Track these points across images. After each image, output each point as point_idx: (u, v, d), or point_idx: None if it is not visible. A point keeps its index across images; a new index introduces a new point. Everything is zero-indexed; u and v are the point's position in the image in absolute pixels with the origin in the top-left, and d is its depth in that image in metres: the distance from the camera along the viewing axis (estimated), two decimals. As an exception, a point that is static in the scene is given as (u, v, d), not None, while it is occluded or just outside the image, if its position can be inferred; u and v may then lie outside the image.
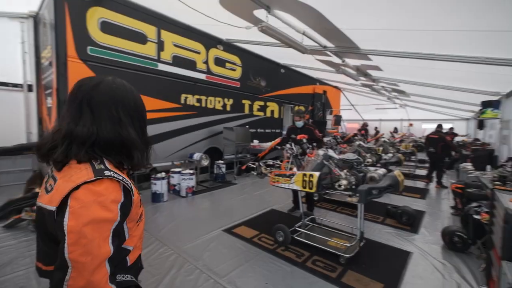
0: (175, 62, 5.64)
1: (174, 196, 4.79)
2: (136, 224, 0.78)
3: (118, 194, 0.67)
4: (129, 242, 0.76)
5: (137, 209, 0.76)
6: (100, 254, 0.61)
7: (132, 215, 0.74)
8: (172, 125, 5.65)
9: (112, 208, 0.64)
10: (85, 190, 0.63)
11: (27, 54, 5.63)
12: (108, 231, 0.63)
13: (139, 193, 0.79)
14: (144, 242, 2.91)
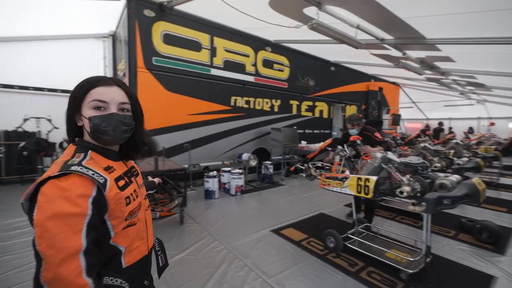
0: (226, 66, 5.92)
1: (224, 194, 5.02)
2: (124, 222, 0.75)
3: (87, 188, 0.67)
4: (120, 241, 0.75)
5: (121, 206, 0.74)
6: (67, 247, 0.61)
7: (115, 212, 0.73)
8: (223, 127, 5.94)
9: (79, 202, 0.64)
10: (51, 185, 0.64)
11: (107, 68, 6.65)
12: (80, 225, 0.63)
13: (135, 193, 0.81)
14: (197, 235, 3.15)
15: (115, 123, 0.76)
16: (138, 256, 0.82)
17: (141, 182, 0.95)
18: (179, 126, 5.22)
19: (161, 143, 4.77)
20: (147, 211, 0.93)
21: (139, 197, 0.85)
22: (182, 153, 5.17)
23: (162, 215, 3.69)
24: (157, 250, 1.03)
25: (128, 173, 0.87)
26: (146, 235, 0.88)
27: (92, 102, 0.75)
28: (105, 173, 0.74)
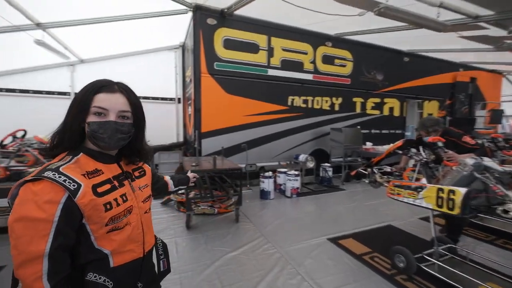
0: (283, 65, 5.84)
1: (279, 195, 4.95)
2: (105, 228, 0.75)
3: (56, 195, 0.67)
4: (104, 245, 0.76)
5: (99, 212, 0.73)
6: (28, 251, 0.62)
7: (93, 218, 0.72)
8: (279, 127, 5.87)
9: (46, 209, 0.65)
10: (26, 188, 0.66)
11: (178, 75, 7.47)
12: (46, 230, 0.64)
13: (122, 197, 0.80)
14: (251, 235, 3.16)
15: (111, 131, 0.77)
16: (129, 258, 0.82)
17: (142, 184, 0.93)
18: (237, 127, 5.41)
19: (220, 143, 5.04)
20: (146, 214, 0.92)
21: (130, 201, 0.83)
22: (239, 153, 5.35)
23: (219, 211, 3.87)
24: (160, 254, 1.00)
25: (121, 176, 0.85)
26: (142, 238, 0.87)
27: (93, 108, 0.77)
28: (82, 179, 0.73)
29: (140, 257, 0.86)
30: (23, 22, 3.96)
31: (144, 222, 0.89)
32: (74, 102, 0.79)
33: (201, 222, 3.57)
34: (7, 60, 5.33)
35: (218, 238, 3.05)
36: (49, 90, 6.18)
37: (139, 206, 0.88)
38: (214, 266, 2.44)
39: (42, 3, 3.75)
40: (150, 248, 0.93)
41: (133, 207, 0.84)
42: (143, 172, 0.98)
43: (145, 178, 0.97)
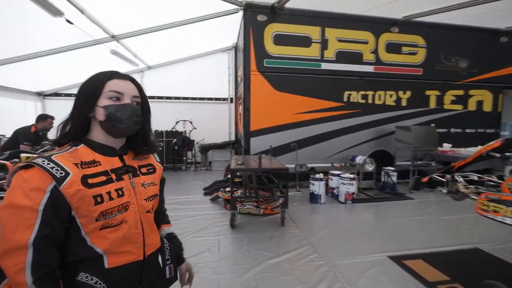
0: (339, 58, 5.34)
1: (332, 200, 4.51)
2: (96, 223, 0.69)
3: (44, 182, 0.64)
4: (97, 243, 0.70)
5: (88, 205, 0.67)
6: (11, 240, 0.60)
7: (81, 210, 0.67)
8: (333, 125, 5.39)
9: (32, 196, 0.62)
10: (18, 175, 0.65)
11: (230, 76, 7.69)
12: (31, 219, 0.62)
13: (117, 192, 0.74)
14: (297, 241, 2.90)
15: (129, 113, 0.77)
16: (126, 260, 0.75)
17: (147, 182, 0.86)
18: (286, 125, 5.19)
19: (268, 142, 4.91)
20: (148, 213, 0.84)
21: (127, 197, 0.77)
22: (288, 153, 5.11)
23: (265, 213, 3.73)
24: (167, 259, 0.91)
25: (120, 170, 0.79)
26: (142, 240, 0.80)
27: (109, 92, 0.76)
28: (73, 168, 0.68)
29: (139, 260, 0.79)
30: (101, 36, 4.62)
31: (145, 222, 0.82)
32: (83, 89, 0.76)
33: (246, 222, 3.49)
34: (92, 70, 6.36)
35: (261, 241, 2.91)
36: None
37: (140, 204, 0.81)
38: (254, 271, 2.30)
39: (115, 17, 4.29)
40: (153, 251, 0.85)
41: (130, 203, 0.78)
42: (152, 170, 0.91)
43: (153, 176, 0.90)
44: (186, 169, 7.35)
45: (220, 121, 7.74)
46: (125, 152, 0.84)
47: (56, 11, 3.10)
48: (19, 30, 3.61)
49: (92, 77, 0.78)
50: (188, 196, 4.68)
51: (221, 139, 7.56)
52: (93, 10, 3.82)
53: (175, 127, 7.33)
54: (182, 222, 3.43)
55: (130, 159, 0.85)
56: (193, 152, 7.46)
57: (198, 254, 2.61)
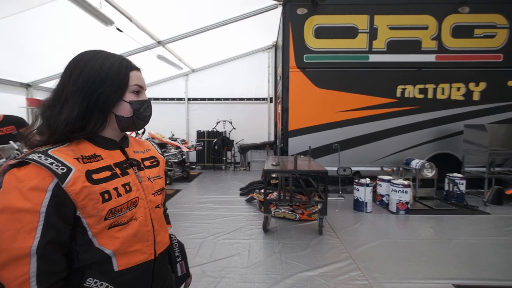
0: (391, 48, 4.72)
1: (380, 208, 3.97)
2: (104, 222, 0.61)
3: (43, 181, 0.56)
4: (105, 244, 0.63)
5: (95, 203, 0.60)
6: (12, 248, 0.52)
7: (88, 209, 0.60)
8: (383, 124, 4.79)
9: (31, 197, 0.54)
10: (10, 174, 0.56)
11: (270, 75, 7.55)
12: (32, 223, 0.54)
13: (124, 187, 0.66)
14: (336, 254, 2.56)
15: (150, 109, 0.76)
16: (137, 261, 0.68)
17: (153, 175, 0.79)
18: (328, 125, 4.79)
19: (307, 143, 4.59)
20: (158, 209, 0.77)
21: (135, 192, 0.70)
22: (329, 154, 4.72)
23: (301, 218, 3.45)
24: (177, 256, 0.87)
25: (124, 163, 0.72)
26: (153, 238, 0.73)
27: (134, 86, 0.71)
28: (74, 163, 0.60)
29: (150, 259, 0.72)
30: (148, 42, 4.96)
31: (154, 218, 0.75)
32: (106, 78, 0.66)
33: (280, 226, 3.28)
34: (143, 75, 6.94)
35: (295, 249, 2.66)
36: (170, 96, 7.65)
37: (148, 199, 0.74)
38: (284, 284, 2.08)
39: (160, 23, 4.55)
40: (163, 249, 0.78)
41: (139, 199, 0.71)
42: (156, 162, 0.84)
43: (158, 169, 0.83)
44: (225, 168, 7.46)
45: (259, 121, 7.66)
46: (126, 144, 0.77)
47: (107, 20, 3.40)
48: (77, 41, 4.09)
49: (112, 65, 0.67)
50: (225, 195, 4.68)
51: (260, 140, 7.47)
52: (140, 17, 4.11)
53: (216, 127, 7.51)
54: (216, 222, 3.39)
55: (132, 152, 0.78)
56: (232, 152, 7.54)
57: (227, 257, 2.51)
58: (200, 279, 2.15)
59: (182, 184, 5.57)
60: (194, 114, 7.72)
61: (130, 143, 0.80)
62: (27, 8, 3.13)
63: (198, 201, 4.33)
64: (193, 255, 2.53)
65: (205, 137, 7.50)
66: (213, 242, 2.83)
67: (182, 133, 7.66)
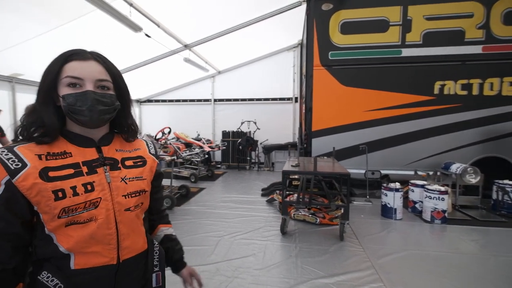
0: (427, 41, 4.30)
1: (412, 216, 3.63)
2: (59, 220, 0.62)
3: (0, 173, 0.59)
4: (61, 241, 0.63)
5: (47, 200, 0.60)
6: None
7: (41, 206, 0.61)
8: (417, 124, 4.39)
9: None
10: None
11: (295, 74, 7.41)
12: None
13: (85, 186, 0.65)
14: (357, 263, 2.39)
15: (90, 102, 0.65)
16: (95, 263, 0.66)
17: (131, 176, 0.75)
18: (354, 125, 4.53)
19: (331, 144, 4.39)
20: (129, 212, 0.72)
21: (98, 192, 0.67)
22: (356, 156, 4.45)
23: (322, 222, 3.30)
24: (155, 265, 0.80)
25: (95, 162, 0.70)
26: (116, 242, 0.69)
27: (65, 78, 0.65)
28: (34, 159, 0.62)
29: (112, 263, 0.69)
30: (176, 46, 5.20)
31: (121, 221, 0.71)
32: (42, 77, 0.67)
33: (299, 230, 3.17)
34: (171, 78, 7.32)
35: (312, 254, 2.55)
36: (197, 98, 7.93)
37: (115, 200, 0.70)
38: (297, 289, 2.00)
39: (187, 27, 4.73)
40: (132, 255, 0.73)
41: (102, 200, 0.68)
42: (141, 163, 0.80)
43: (141, 170, 0.79)
44: (249, 169, 7.50)
45: (284, 122, 7.56)
46: (107, 142, 0.75)
47: (136, 27, 3.63)
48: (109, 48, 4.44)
49: (53, 59, 0.67)
50: (246, 195, 4.69)
51: (285, 140, 7.36)
52: (167, 22, 4.32)
53: (240, 128, 7.58)
54: (235, 222, 3.41)
55: (114, 151, 0.75)
56: (256, 153, 7.54)
57: (242, 257, 2.50)
58: (213, 277, 2.17)
59: (207, 182, 5.71)
60: (220, 115, 7.91)
61: (115, 141, 0.77)
62: (69, 20, 3.50)
63: (220, 200, 4.40)
64: (209, 253, 2.57)
65: (230, 137, 7.62)
66: (230, 241, 2.85)
67: (209, 133, 7.89)
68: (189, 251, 2.61)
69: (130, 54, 5.15)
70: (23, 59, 4.11)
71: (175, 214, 3.70)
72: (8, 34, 3.56)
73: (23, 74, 4.57)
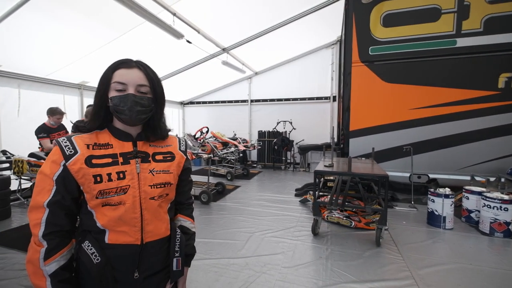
0: (490, 27, 3.78)
1: (467, 227, 3.22)
2: (96, 200, 0.75)
3: (59, 157, 0.75)
4: (98, 218, 0.77)
5: (89, 182, 0.74)
6: (34, 199, 0.74)
7: (85, 187, 0.75)
8: (476, 123, 3.87)
9: (52, 167, 0.75)
10: (52, 150, 0.78)
11: (334, 72, 7.14)
12: (50, 185, 0.74)
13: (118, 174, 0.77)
14: (394, 270, 2.26)
15: (130, 103, 0.77)
16: (123, 241, 0.78)
17: (159, 169, 0.85)
18: (397, 124, 4.20)
19: (370, 144, 4.15)
20: (153, 200, 0.83)
21: (128, 180, 0.79)
22: (399, 158, 4.12)
23: (357, 226, 3.15)
24: (176, 251, 0.88)
25: (129, 154, 0.82)
26: (140, 226, 0.80)
27: (114, 83, 0.78)
28: (83, 148, 0.77)
29: (136, 244, 0.79)
30: (214, 50, 5.47)
31: (146, 208, 0.81)
32: (98, 82, 0.82)
33: (332, 232, 3.08)
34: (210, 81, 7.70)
35: (343, 257, 2.46)
36: (235, 99, 8.20)
37: (142, 189, 0.81)
38: (325, 291, 1.96)
39: (224, 31, 4.96)
40: (154, 239, 0.83)
41: (130, 187, 0.79)
42: (170, 158, 0.90)
43: (169, 164, 0.88)
44: (285, 169, 7.47)
45: (321, 121, 7.35)
46: (142, 138, 0.86)
47: (178, 34, 3.95)
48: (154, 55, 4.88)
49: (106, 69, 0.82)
50: (280, 195, 4.70)
51: (322, 140, 7.16)
52: (206, 28, 4.59)
53: (276, 128, 7.61)
54: (266, 220, 3.46)
55: (147, 146, 0.86)
56: (292, 153, 7.48)
57: (271, 254, 2.54)
58: (242, 270, 2.25)
59: (242, 181, 5.89)
60: (256, 115, 8.06)
61: (150, 137, 0.86)
62: (123, 33, 3.98)
63: (254, 198, 4.50)
64: (240, 248, 2.67)
65: (265, 137, 7.71)
66: (260, 238, 2.91)
67: (245, 133, 8.10)
68: (221, 244, 2.76)
69: (173, 60, 5.60)
70: (88, 69, 4.81)
71: (211, 209, 3.91)
72: (77, 48, 4.22)
73: (88, 81, 5.34)
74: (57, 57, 4.31)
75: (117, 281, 0.78)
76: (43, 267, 0.71)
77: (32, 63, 4.30)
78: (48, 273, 0.71)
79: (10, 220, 3.46)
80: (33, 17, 3.36)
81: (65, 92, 5.12)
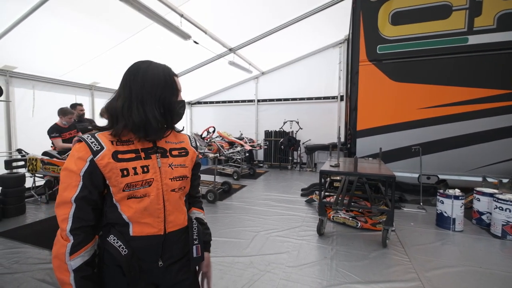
0: (503, 24, 3.67)
1: (477, 229, 3.14)
2: (123, 193, 0.79)
3: (86, 153, 0.77)
4: (124, 210, 0.80)
5: (116, 176, 0.78)
6: (62, 195, 0.76)
7: (112, 180, 0.78)
8: (488, 123, 3.77)
9: (77, 164, 0.77)
10: (74, 146, 0.81)
11: (341, 71, 7.07)
12: (76, 181, 0.76)
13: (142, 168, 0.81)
14: (398, 272, 2.24)
15: (184, 108, 0.93)
16: (147, 232, 0.82)
17: (176, 163, 0.91)
18: (405, 124, 4.13)
19: (377, 144, 4.09)
20: (174, 192, 0.88)
21: (151, 174, 0.84)
22: (407, 158, 4.05)
23: (363, 227, 3.12)
24: (194, 239, 0.94)
25: (150, 150, 0.87)
26: (163, 216, 0.85)
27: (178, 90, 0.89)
28: (108, 144, 0.80)
29: (160, 234, 0.85)
30: (221, 50, 5.51)
31: (168, 199, 0.87)
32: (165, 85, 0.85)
33: (338, 232, 3.06)
34: (217, 81, 7.76)
35: (349, 258, 2.44)
36: (242, 99, 8.23)
37: (164, 182, 0.86)
38: (329, 291, 1.96)
39: (231, 31, 4.99)
40: (175, 229, 0.89)
41: (154, 180, 0.84)
42: (184, 153, 0.96)
43: (184, 159, 0.95)
44: (291, 168, 7.45)
45: (328, 121, 7.30)
46: None
47: (186, 35, 4.00)
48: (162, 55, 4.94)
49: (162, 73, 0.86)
50: (286, 194, 4.70)
51: (328, 140, 7.10)
52: (213, 28, 4.63)
53: (283, 127, 7.59)
54: (272, 219, 3.47)
55: (164, 142, 0.91)
56: (298, 153, 7.46)
57: (276, 253, 2.55)
58: (246, 268, 2.27)
59: (248, 180, 5.91)
60: (262, 115, 8.07)
61: (165, 135, 0.92)
62: (132, 34, 4.07)
63: (260, 197, 4.52)
64: (245, 246, 2.69)
65: (272, 137, 7.71)
66: (265, 237, 2.92)
67: (252, 133, 8.12)
68: (227, 242, 2.79)
69: (181, 60, 5.68)
70: (99, 70, 4.93)
71: (217, 208, 3.95)
72: (88, 49, 4.34)
73: (99, 82, 5.48)
74: (69, 58, 4.44)
75: (143, 270, 0.83)
76: (68, 262, 0.73)
77: (45, 64, 4.45)
78: (72, 267, 0.74)
79: (24, 216, 3.60)
80: (47, 21, 3.48)
81: (76, 93, 5.27)
